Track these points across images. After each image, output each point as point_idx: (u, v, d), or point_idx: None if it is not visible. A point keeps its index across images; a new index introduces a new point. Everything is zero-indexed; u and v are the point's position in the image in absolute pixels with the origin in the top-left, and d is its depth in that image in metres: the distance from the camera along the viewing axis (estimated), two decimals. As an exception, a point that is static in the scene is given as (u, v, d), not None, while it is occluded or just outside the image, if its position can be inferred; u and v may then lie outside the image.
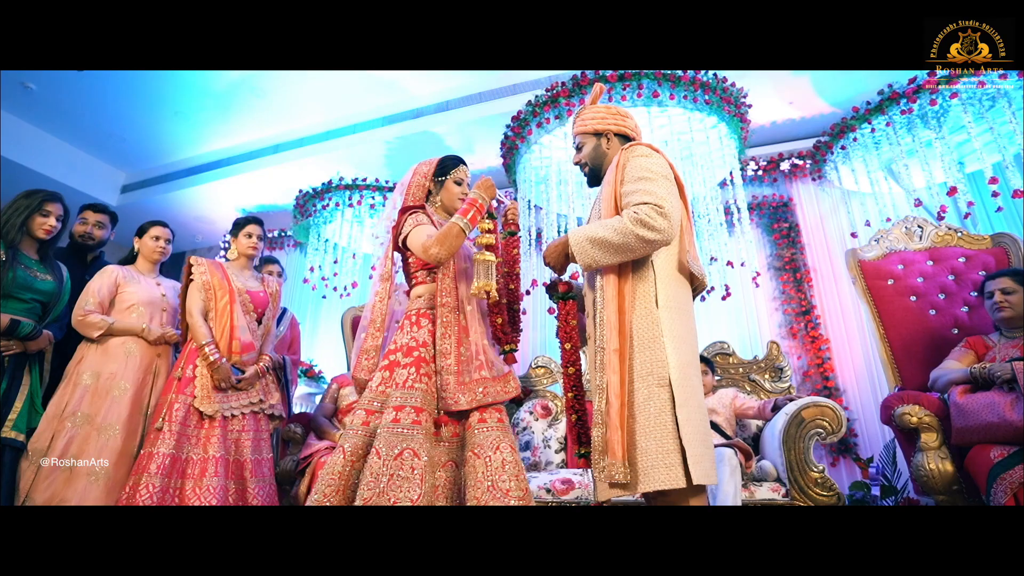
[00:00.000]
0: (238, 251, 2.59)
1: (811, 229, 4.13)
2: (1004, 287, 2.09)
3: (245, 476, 2.28)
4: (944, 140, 3.11)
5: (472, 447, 1.49)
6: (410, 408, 1.45)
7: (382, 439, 1.40)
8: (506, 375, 1.62)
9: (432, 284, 1.67)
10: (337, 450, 1.46)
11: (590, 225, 1.48)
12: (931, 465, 1.89)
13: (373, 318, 1.67)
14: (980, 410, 1.82)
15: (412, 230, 1.64)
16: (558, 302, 1.67)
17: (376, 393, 1.54)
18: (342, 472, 1.42)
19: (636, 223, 1.36)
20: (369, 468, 1.37)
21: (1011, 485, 1.68)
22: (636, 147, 1.54)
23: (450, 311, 1.60)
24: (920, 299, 2.51)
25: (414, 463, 1.37)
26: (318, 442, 2.70)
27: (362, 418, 1.51)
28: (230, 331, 2.37)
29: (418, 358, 1.55)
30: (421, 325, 1.62)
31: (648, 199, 1.39)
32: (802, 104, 4.19)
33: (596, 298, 1.51)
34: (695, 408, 1.34)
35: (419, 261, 1.67)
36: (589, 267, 1.46)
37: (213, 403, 2.24)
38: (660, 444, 1.29)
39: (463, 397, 1.52)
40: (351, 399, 2.85)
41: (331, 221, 4.19)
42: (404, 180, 1.81)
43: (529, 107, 3.60)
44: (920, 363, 2.39)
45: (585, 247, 1.43)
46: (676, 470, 1.26)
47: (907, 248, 2.63)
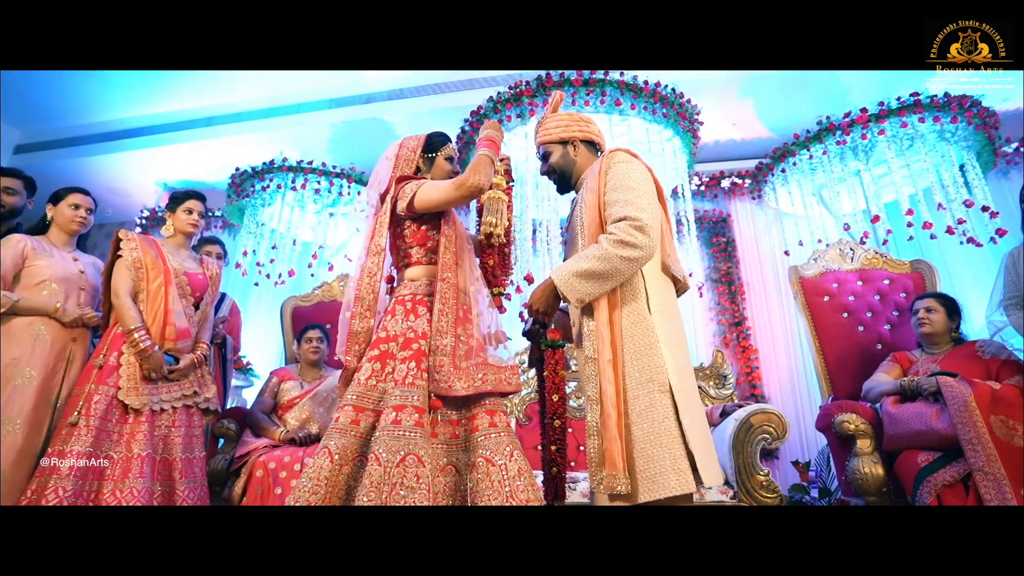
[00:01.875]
0: (176, 228, 2.35)
1: (746, 245, 4.38)
2: (928, 306, 2.31)
3: (174, 477, 2.06)
4: (870, 171, 3.41)
5: (482, 453, 1.37)
6: (412, 408, 1.34)
7: (382, 443, 1.28)
8: (511, 367, 1.52)
9: (430, 266, 1.56)
10: (321, 451, 1.31)
11: (571, 260, 1.45)
12: (865, 469, 2.05)
13: (361, 296, 1.51)
14: (910, 419, 1.99)
15: (421, 187, 1.54)
16: (546, 350, 1.54)
17: (366, 387, 1.40)
18: (330, 477, 1.27)
19: (617, 245, 1.36)
20: (369, 476, 1.24)
21: (935, 486, 1.85)
22: (617, 153, 1.53)
23: (450, 288, 1.49)
24: (851, 316, 2.73)
25: (419, 471, 1.26)
26: (255, 440, 2.49)
27: (351, 416, 1.36)
28: (164, 316, 2.14)
29: (418, 351, 1.43)
30: (419, 313, 1.50)
31: (625, 212, 1.38)
32: (744, 126, 4.44)
33: (584, 310, 1.46)
34: (696, 412, 1.36)
35: (417, 235, 1.57)
36: (581, 302, 1.41)
37: (141, 395, 2.01)
38: (668, 451, 1.28)
39: (459, 383, 1.41)
40: (293, 394, 2.67)
41: (270, 204, 3.91)
42: (390, 153, 1.69)
43: (490, 103, 3.55)
44: (850, 375, 2.59)
45: (573, 283, 1.39)
46: (686, 475, 1.27)
47: (840, 268, 2.86)
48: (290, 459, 2.34)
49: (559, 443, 1.50)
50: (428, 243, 1.58)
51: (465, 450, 1.42)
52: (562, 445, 1.51)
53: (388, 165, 1.65)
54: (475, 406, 1.44)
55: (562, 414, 1.51)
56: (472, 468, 1.37)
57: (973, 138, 3.24)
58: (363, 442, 1.34)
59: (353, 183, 3.90)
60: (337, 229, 4.16)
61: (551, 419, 1.52)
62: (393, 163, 1.65)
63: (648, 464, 1.28)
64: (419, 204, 1.53)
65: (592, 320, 1.41)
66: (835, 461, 2.34)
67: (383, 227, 1.56)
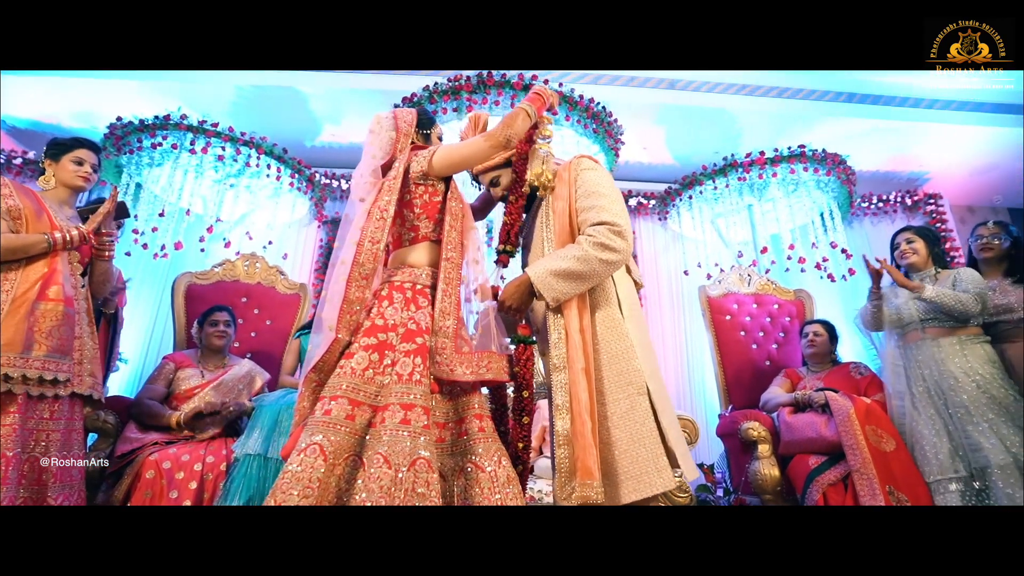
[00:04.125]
0: (59, 180, 1.96)
1: (646, 262, 4.71)
2: (816, 331, 2.69)
3: (45, 482, 1.70)
4: (760, 206, 3.88)
5: (472, 458, 1.29)
6: (420, 409, 1.23)
7: (388, 444, 1.16)
8: (508, 357, 1.45)
9: (433, 243, 1.46)
10: (311, 448, 1.13)
11: (547, 259, 1.44)
12: (765, 471, 2.32)
13: (360, 261, 1.34)
14: (803, 427, 2.30)
15: (440, 147, 1.45)
16: (517, 346, 1.51)
17: (363, 379, 1.25)
18: (324, 479, 1.10)
19: (596, 247, 1.39)
20: (376, 479, 1.11)
21: (822, 485, 2.15)
22: (583, 160, 1.57)
23: (454, 269, 1.40)
24: (747, 334, 3.07)
25: (428, 476, 1.16)
26: (142, 434, 2.15)
27: (346, 409, 1.20)
28: (46, 281, 1.76)
29: (422, 346, 1.32)
30: (420, 304, 1.38)
31: (603, 217, 1.42)
32: (653, 151, 4.79)
33: (549, 315, 1.45)
34: (670, 412, 1.42)
35: (428, 206, 1.46)
36: (557, 301, 1.40)
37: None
38: (651, 451, 1.32)
39: (460, 367, 1.32)
40: (192, 383, 2.34)
41: (158, 165, 3.40)
42: (388, 122, 1.55)
43: (426, 92, 3.45)
44: (744, 387, 2.91)
45: (550, 282, 1.39)
46: (667, 473, 1.31)
47: (740, 291, 3.20)
48: (189, 457, 2.06)
49: (526, 440, 1.47)
50: (437, 215, 1.48)
51: (452, 454, 1.34)
52: (528, 443, 1.48)
53: (389, 136, 1.51)
54: (464, 409, 1.37)
55: (531, 411, 1.49)
56: (460, 473, 1.30)
57: (839, 190, 3.82)
58: (358, 440, 1.20)
59: (263, 154, 3.53)
60: (238, 202, 3.73)
61: (518, 416, 1.48)
62: (396, 134, 1.52)
63: (633, 464, 1.31)
64: (440, 162, 1.44)
65: (559, 329, 1.41)
66: (734, 464, 2.61)
67: (391, 192, 1.41)
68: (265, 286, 3.03)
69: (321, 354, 1.30)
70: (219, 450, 2.12)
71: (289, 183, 3.68)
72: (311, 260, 4.29)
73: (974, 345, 2.19)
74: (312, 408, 1.28)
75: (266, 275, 3.06)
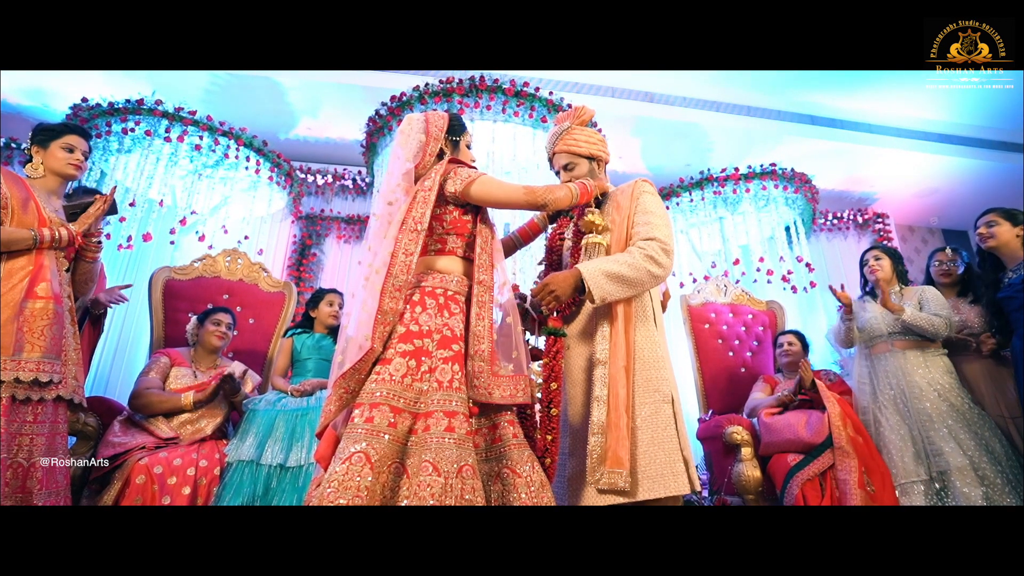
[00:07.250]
0: (48, 168, 1.84)
1: (620, 268, 4.85)
2: (790, 340, 2.86)
3: (29, 488, 1.60)
4: (732, 219, 4.07)
5: (508, 464, 1.31)
6: (462, 416, 1.24)
7: (435, 451, 1.16)
8: (533, 381, 1.48)
9: (464, 261, 1.47)
10: (356, 457, 1.11)
11: (602, 260, 1.51)
12: (748, 472, 2.45)
13: (394, 273, 1.33)
14: (782, 429, 2.44)
15: (480, 177, 1.44)
16: (548, 337, 1.55)
17: (403, 386, 1.24)
18: (371, 488, 1.09)
19: (647, 259, 1.48)
20: (427, 487, 1.11)
21: (801, 481, 2.29)
22: (647, 183, 1.66)
23: (486, 292, 1.40)
24: (724, 343, 3.22)
25: (475, 483, 1.17)
26: (129, 436, 2.04)
27: (388, 417, 1.19)
28: (33, 274, 1.65)
29: (458, 353, 1.32)
30: (452, 311, 1.38)
31: (655, 234, 1.52)
32: (628, 161, 4.94)
33: (597, 314, 1.54)
34: (683, 422, 1.51)
35: (458, 224, 1.47)
36: (603, 300, 1.46)
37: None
38: (668, 455, 1.41)
39: (497, 391, 1.33)
40: (183, 382, 2.24)
41: (127, 152, 3.21)
42: (419, 125, 1.53)
43: (417, 92, 3.41)
44: (720, 392, 3.06)
45: (601, 282, 1.45)
46: (682, 478, 1.40)
47: (717, 301, 3.35)
48: (181, 461, 1.98)
49: (554, 432, 1.49)
50: (466, 235, 1.48)
51: (487, 460, 1.35)
52: (556, 435, 1.50)
53: (419, 139, 1.49)
54: (496, 415, 1.38)
55: (558, 402, 1.51)
56: (496, 478, 1.32)
57: (805, 207, 4.07)
58: (399, 447, 1.19)
59: (243, 146, 3.40)
60: (213, 194, 3.58)
61: (547, 407, 1.52)
62: (426, 138, 1.51)
63: (650, 464, 1.40)
64: (476, 193, 1.44)
65: (607, 325, 1.50)
66: (717, 466, 2.74)
67: (426, 204, 1.40)
68: (247, 283, 2.93)
69: (354, 362, 1.29)
70: (211, 454, 2.04)
71: (268, 177, 3.56)
72: (284, 256, 4.17)
73: (935, 357, 2.41)
74: (337, 413, 1.28)
75: (248, 272, 2.95)
